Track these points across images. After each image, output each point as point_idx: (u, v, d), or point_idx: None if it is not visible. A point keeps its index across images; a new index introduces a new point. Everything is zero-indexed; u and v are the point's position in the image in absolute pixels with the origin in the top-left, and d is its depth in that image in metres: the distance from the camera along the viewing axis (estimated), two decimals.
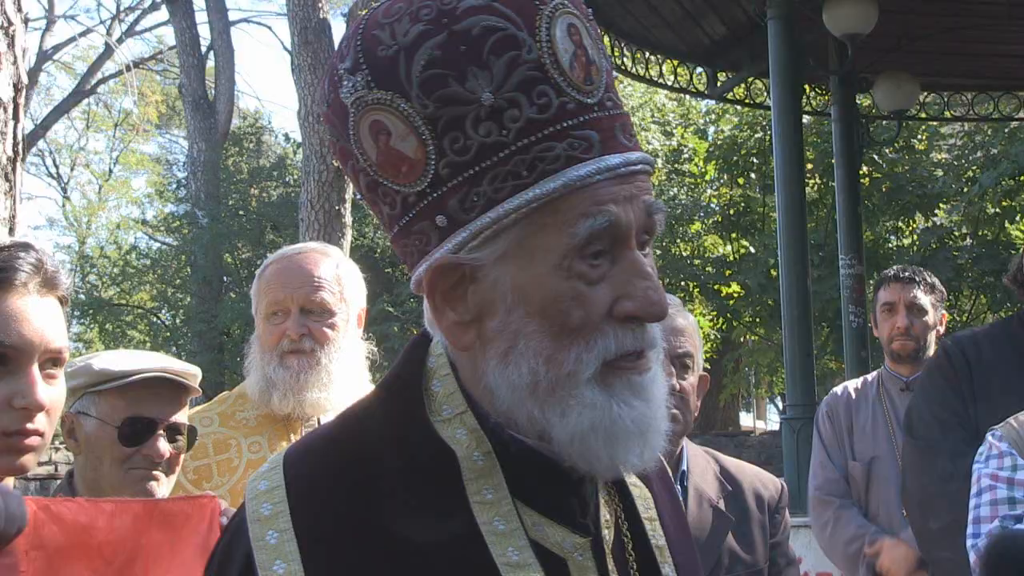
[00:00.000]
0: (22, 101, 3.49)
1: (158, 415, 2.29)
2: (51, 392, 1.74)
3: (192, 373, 2.37)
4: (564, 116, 1.12)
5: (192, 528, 1.92)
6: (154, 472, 2.27)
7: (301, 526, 1.11)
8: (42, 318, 1.73)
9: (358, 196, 1.28)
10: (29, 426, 1.71)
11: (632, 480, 1.28)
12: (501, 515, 1.13)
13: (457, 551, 1.11)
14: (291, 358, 2.62)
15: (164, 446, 2.28)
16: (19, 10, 3.50)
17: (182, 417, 2.34)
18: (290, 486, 1.14)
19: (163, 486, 2.29)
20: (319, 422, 2.65)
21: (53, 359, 1.75)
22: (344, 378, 2.64)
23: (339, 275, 2.70)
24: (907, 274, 4.79)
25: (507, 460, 1.15)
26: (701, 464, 2.61)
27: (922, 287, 4.71)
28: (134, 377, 2.28)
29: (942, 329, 4.74)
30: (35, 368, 1.72)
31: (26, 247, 1.77)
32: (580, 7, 1.18)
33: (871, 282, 12.88)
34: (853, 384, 4.94)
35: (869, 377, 4.88)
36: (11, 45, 3.43)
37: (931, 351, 4.69)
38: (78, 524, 1.79)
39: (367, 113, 1.14)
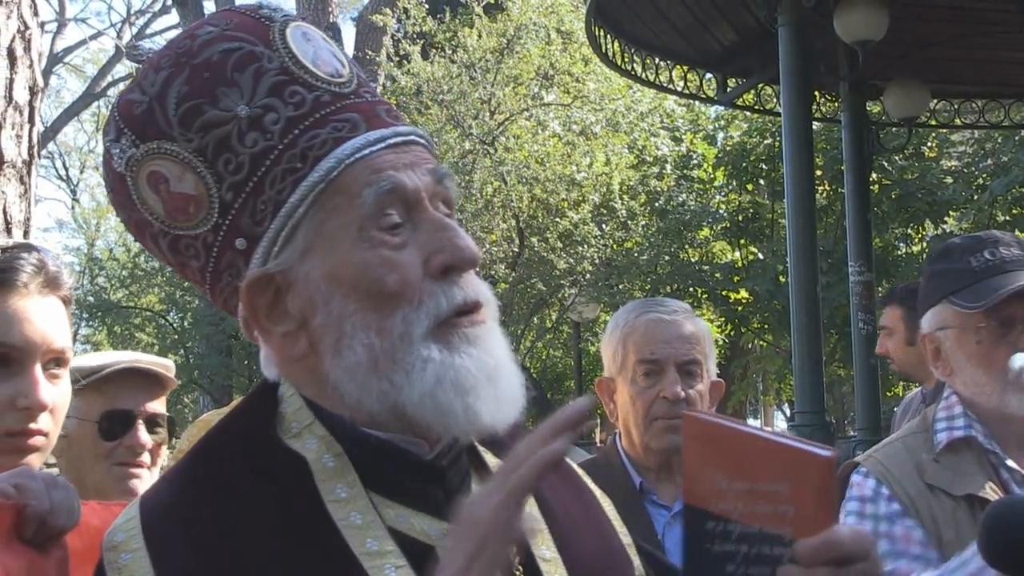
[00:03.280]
0: (38, 105, 3.51)
1: (135, 406, 2.30)
2: (54, 392, 1.74)
3: (164, 364, 2.39)
4: (321, 106, 1.16)
5: None
6: (135, 470, 2.28)
7: (153, 546, 1.12)
8: (44, 318, 1.74)
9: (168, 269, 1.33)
10: (32, 426, 1.71)
11: None
12: (357, 510, 1.13)
13: (316, 550, 1.12)
14: None
15: (144, 436, 2.29)
16: (35, 14, 3.52)
17: (160, 408, 2.35)
18: (143, 515, 1.16)
19: (145, 483, 2.29)
20: None
21: (56, 359, 1.75)
22: None
23: None
24: (881, 297, 4.77)
25: (365, 458, 1.16)
26: None
27: (890, 308, 4.67)
28: (106, 371, 2.30)
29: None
30: (38, 368, 1.72)
31: (28, 248, 1.78)
32: (308, 22, 1.25)
33: (880, 289, 12.85)
34: (919, 389, 4.96)
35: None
36: (27, 49, 3.45)
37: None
38: (91, 527, 1.76)
39: (141, 169, 1.17)
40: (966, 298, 2.17)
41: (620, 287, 16.30)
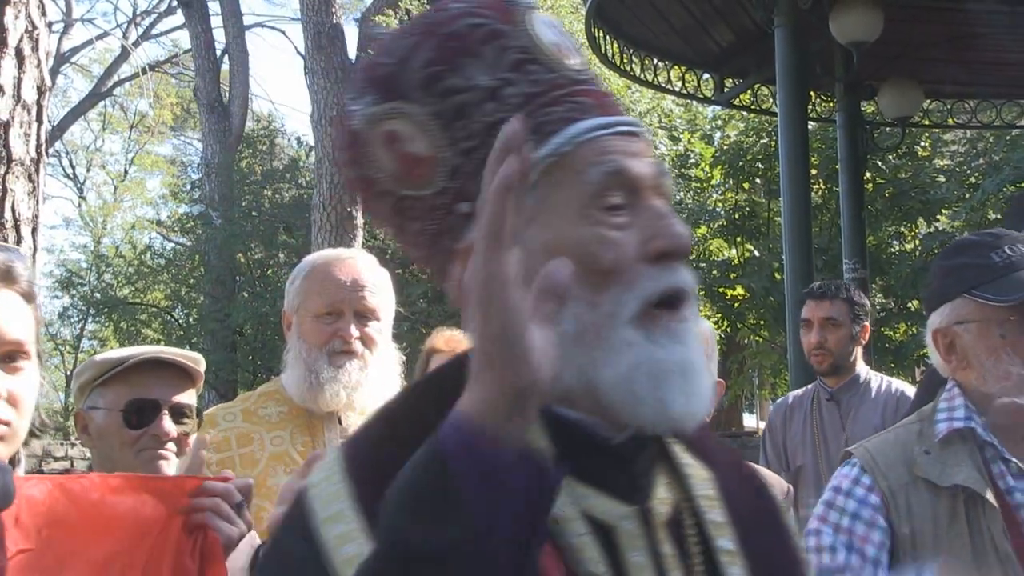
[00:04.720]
0: (45, 104, 3.59)
1: (160, 396, 2.35)
2: (14, 382, 1.74)
3: (192, 357, 2.43)
4: (558, 87, 1.19)
5: (174, 504, 1.96)
6: (162, 451, 2.32)
7: (353, 477, 1.11)
8: None
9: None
10: None
11: (689, 460, 1.27)
12: None
13: None
14: (342, 358, 2.68)
15: (169, 425, 2.33)
16: (43, 15, 3.61)
17: (187, 399, 2.39)
18: (345, 456, 1.15)
19: (173, 465, 2.33)
20: (340, 420, 2.73)
21: (13, 352, 1.75)
22: (384, 379, 2.74)
23: (381, 281, 2.80)
24: (821, 289, 4.84)
25: (556, 436, 1.13)
26: None
27: (838, 302, 4.75)
28: (132, 360, 2.35)
29: (862, 341, 4.76)
30: None
31: None
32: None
33: (874, 286, 12.92)
34: (795, 394, 5.01)
35: (810, 386, 4.93)
36: (35, 49, 3.53)
37: (855, 362, 4.75)
38: (89, 500, 1.84)
39: (378, 127, 1.21)
40: (992, 292, 2.18)
41: None
